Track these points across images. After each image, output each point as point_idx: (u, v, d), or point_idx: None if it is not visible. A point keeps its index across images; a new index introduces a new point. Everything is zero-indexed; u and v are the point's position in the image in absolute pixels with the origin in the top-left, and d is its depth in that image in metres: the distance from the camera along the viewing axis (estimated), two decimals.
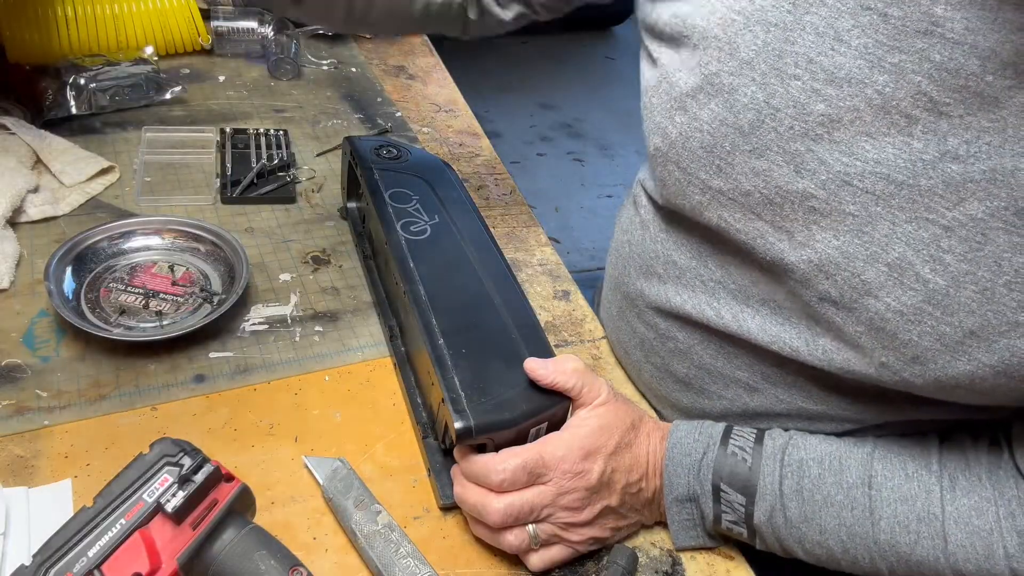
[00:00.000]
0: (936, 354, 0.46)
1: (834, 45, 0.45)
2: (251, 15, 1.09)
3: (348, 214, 0.83)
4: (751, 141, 0.49)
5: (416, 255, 0.64)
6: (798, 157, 0.48)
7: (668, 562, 0.57)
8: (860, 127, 0.45)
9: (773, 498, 0.52)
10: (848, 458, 0.52)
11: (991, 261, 0.43)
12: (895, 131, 0.44)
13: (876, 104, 0.44)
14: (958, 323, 0.44)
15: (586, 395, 0.55)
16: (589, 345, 0.74)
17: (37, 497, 0.53)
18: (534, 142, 2.92)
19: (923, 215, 0.44)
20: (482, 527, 0.54)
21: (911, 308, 0.46)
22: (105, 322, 0.65)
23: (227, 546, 0.46)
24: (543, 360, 0.56)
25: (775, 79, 0.47)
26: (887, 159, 0.45)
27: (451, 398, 0.53)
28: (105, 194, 0.80)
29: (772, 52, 0.47)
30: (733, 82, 0.49)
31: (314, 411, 0.63)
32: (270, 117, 0.98)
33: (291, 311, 0.71)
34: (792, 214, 0.49)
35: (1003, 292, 0.43)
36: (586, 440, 0.53)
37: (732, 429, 0.56)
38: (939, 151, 0.43)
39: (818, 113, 0.46)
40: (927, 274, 0.45)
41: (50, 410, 0.59)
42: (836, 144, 0.46)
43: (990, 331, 0.44)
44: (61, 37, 0.94)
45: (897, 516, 0.50)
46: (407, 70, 1.16)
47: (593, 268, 2.33)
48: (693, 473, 0.55)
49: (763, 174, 0.49)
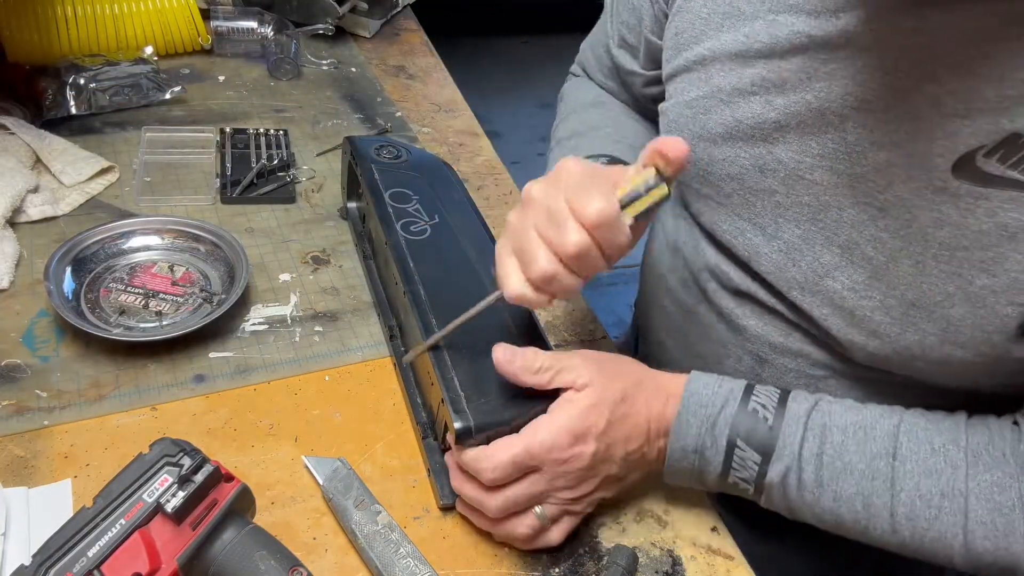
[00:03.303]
0: (888, 326, 0.52)
1: (780, 63, 0.53)
2: (251, 15, 1.09)
3: (348, 214, 0.83)
4: (723, 151, 0.58)
5: (416, 255, 0.64)
6: (760, 160, 0.56)
7: (668, 562, 0.57)
8: (805, 128, 0.53)
9: (790, 460, 0.51)
10: (874, 428, 0.52)
11: (919, 236, 0.48)
12: (832, 129, 0.51)
13: (814, 108, 0.52)
14: (900, 295, 0.50)
15: (563, 378, 0.53)
16: (589, 345, 0.74)
17: (37, 497, 0.53)
18: (534, 142, 2.92)
19: (861, 199, 0.51)
20: (487, 521, 0.54)
21: (861, 284, 0.52)
22: (105, 322, 0.65)
23: (227, 546, 0.46)
24: (511, 353, 0.53)
25: (737, 97, 0.56)
26: (827, 153, 0.52)
27: (451, 398, 0.52)
28: (105, 194, 0.80)
29: (734, 76, 0.56)
30: (707, 104, 0.59)
31: (314, 411, 0.63)
32: (270, 117, 0.98)
33: (291, 311, 0.71)
34: (763, 210, 0.57)
35: (932, 264, 0.48)
36: (573, 423, 0.51)
37: (754, 387, 0.54)
38: (868, 142, 0.50)
39: (771, 121, 0.54)
40: (870, 252, 0.51)
41: (50, 410, 0.59)
42: (788, 145, 0.54)
43: (927, 301, 0.49)
44: (61, 37, 0.94)
45: (920, 490, 0.49)
46: (407, 70, 1.16)
47: None
48: (707, 426, 0.53)
49: (736, 178, 0.58)
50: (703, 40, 0.59)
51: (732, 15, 0.57)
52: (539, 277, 0.48)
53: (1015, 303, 0.46)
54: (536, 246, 0.47)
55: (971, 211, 0.46)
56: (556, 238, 0.47)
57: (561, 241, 0.46)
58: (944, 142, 0.46)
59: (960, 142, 0.46)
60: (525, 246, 0.48)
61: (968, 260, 0.47)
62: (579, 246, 0.46)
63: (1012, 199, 0.44)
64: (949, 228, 0.47)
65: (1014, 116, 0.44)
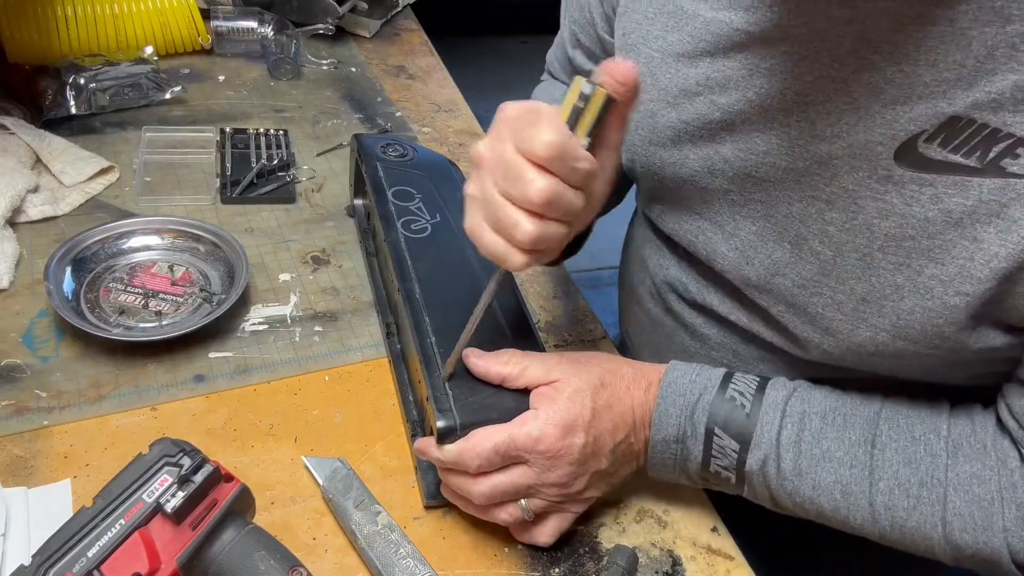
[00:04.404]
0: (840, 323, 0.51)
1: (724, 62, 0.52)
2: (251, 15, 1.09)
3: (355, 211, 0.83)
4: (672, 154, 0.57)
5: (414, 253, 0.64)
6: (708, 160, 0.55)
7: (668, 562, 0.57)
8: (749, 126, 0.52)
9: (768, 447, 0.51)
10: (853, 415, 0.51)
11: (864, 228, 0.48)
12: (776, 124, 0.51)
13: (756, 105, 0.51)
14: (849, 290, 0.49)
15: (534, 373, 0.53)
16: (589, 345, 0.74)
17: (36, 497, 0.53)
18: None
19: (808, 193, 0.50)
20: (472, 505, 0.54)
21: (811, 280, 0.51)
22: (105, 322, 0.65)
23: (227, 546, 0.46)
24: (479, 352, 0.54)
25: (683, 98, 0.55)
26: (772, 149, 0.51)
27: (435, 396, 0.52)
28: (105, 194, 0.80)
29: (679, 77, 0.55)
30: (654, 108, 0.58)
31: (314, 411, 0.63)
32: (270, 117, 0.98)
33: (291, 311, 0.71)
34: (721, 208, 0.56)
35: (879, 257, 0.47)
36: (560, 414, 0.51)
37: (733, 375, 0.54)
38: (810, 135, 0.49)
39: (716, 120, 0.54)
40: (817, 246, 0.50)
41: (49, 410, 0.59)
42: (735, 143, 0.53)
43: (876, 295, 0.48)
44: (61, 37, 0.94)
45: (899, 478, 0.49)
46: (407, 70, 1.16)
47: (593, 268, 2.33)
48: (686, 415, 0.53)
49: (689, 180, 0.57)
50: (650, 41, 0.58)
51: (676, 14, 0.56)
52: (527, 242, 0.45)
53: (962, 292, 0.45)
54: (509, 211, 0.45)
55: (916, 199, 0.45)
56: (520, 193, 0.44)
57: (526, 195, 0.44)
58: (884, 130, 0.46)
59: (900, 128, 0.45)
60: (499, 214, 0.45)
61: (915, 250, 0.46)
62: (544, 192, 0.43)
63: (956, 184, 0.43)
64: (895, 218, 0.46)
65: (952, 99, 0.43)
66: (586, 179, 0.45)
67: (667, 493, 0.61)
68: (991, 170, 0.42)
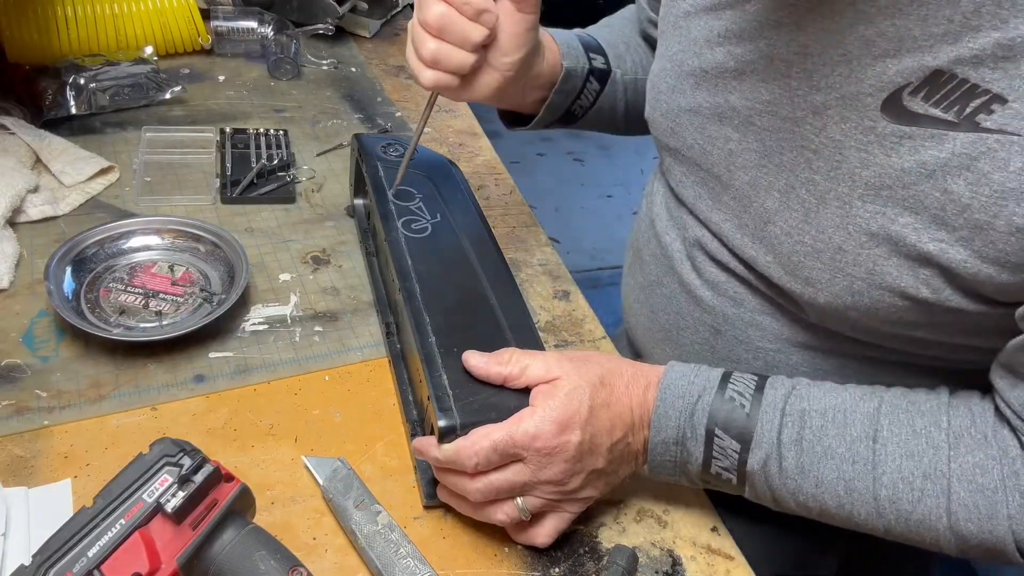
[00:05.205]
0: (819, 272, 0.52)
1: (743, 13, 0.56)
2: (251, 15, 1.09)
3: (355, 211, 0.83)
4: (690, 100, 0.61)
5: (414, 253, 0.64)
6: (719, 108, 0.59)
7: (668, 562, 0.57)
8: (757, 76, 0.55)
9: (769, 447, 0.51)
10: (854, 412, 0.51)
11: (847, 177, 0.50)
12: (779, 76, 0.53)
13: (765, 55, 0.54)
14: (828, 239, 0.51)
15: (534, 372, 0.53)
16: (589, 345, 0.74)
17: (37, 497, 0.53)
18: (534, 142, 2.92)
19: (799, 142, 0.53)
20: (467, 505, 0.54)
21: (795, 228, 0.53)
22: (105, 322, 0.65)
23: (227, 546, 0.46)
24: (478, 353, 0.54)
25: (706, 48, 0.59)
26: (775, 99, 0.54)
27: (436, 396, 0.52)
28: (105, 194, 0.80)
29: (706, 28, 0.59)
30: (683, 58, 0.62)
31: (314, 411, 0.63)
32: (270, 117, 0.98)
33: (291, 311, 0.71)
34: (719, 158, 0.59)
35: (858, 205, 0.49)
36: (557, 411, 0.51)
37: (731, 374, 0.54)
38: (808, 86, 0.52)
39: (730, 69, 0.57)
40: (803, 194, 0.53)
41: (50, 410, 0.59)
42: (742, 92, 0.57)
43: (853, 244, 0.50)
44: (61, 37, 0.94)
45: (902, 472, 0.49)
46: (407, 70, 1.16)
47: (593, 268, 2.33)
48: (685, 416, 0.53)
49: (699, 128, 0.61)
50: None
51: None
52: (427, 57, 0.57)
53: (935, 240, 0.46)
54: (417, 32, 0.57)
55: (895, 149, 0.47)
56: (423, 17, 0.56)
57: (423, 17, 0.56)
58: (873, 82, 0.48)
59: (888, 81, 0.47)
60: (413, 36, 0.58)
61: (892, 199, 0.48)
62: (437, 16, 0.55)
63: (932, 136, 0.45)
64: (875, 168, 0.48)
65: (937, 53, 0.44)
66: (478, 15, 0.56)
67: (667, 493, 0.61)
68: (966, 124, 0.44)
